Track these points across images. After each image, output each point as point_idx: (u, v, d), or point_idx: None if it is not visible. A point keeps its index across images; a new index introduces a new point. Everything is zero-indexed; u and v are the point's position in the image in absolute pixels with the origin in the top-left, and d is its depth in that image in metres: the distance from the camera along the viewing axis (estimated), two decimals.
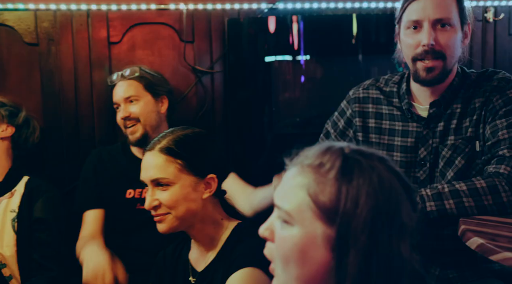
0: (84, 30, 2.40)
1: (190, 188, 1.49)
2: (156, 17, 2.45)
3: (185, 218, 1.49)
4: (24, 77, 2.39)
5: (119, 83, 2.24)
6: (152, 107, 2.24)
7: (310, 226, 0.87)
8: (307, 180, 0.89)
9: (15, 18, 2.34)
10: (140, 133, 2.20)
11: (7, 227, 2.03)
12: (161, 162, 1.48)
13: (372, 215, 0.84)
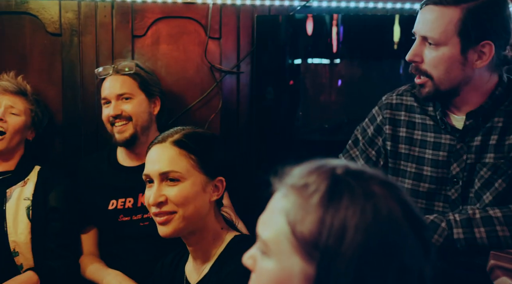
0: (108, 22, 2.32)
1: (200, 187, 1.39)
2: (183, 11, 2.35)
3: (191, 219, 1.38)
4: (45, 67, 2.33)
5: (111, 77, 2.10)
6: (145, 107, 2.11)
7: (287, 261, 0.72)
8: (289, 205, 0.74)
9: (39, 7, 2.29)
10: (129, 133, 2.07)
11: (21, 214, 2.02)
12: (174, 155, 1.38)
13: (360, 256, 0.68)
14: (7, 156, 2.09)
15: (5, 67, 2.26)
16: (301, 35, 2.35)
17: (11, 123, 2.07)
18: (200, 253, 1.43)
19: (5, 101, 2.08)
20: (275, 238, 0.75)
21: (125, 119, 2.07)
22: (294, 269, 0.72)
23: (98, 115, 2.34)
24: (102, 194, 2.08)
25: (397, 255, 0.69)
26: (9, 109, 2.08)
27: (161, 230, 1.39)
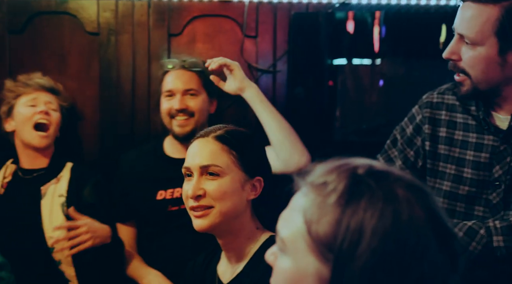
0: (145, 21, 2.33)
1: (239, 184, 1.38)
2: (219, 10, 2.33)
3: (228, 215, 1.36)
4: (83, 66, 2.36)
5: (178, 72, 2.13)
6: (207, 105, 2.17)
7: (303, 260, 0.69)
8: (307, 203, 0.71)
9: (78, 7, 2.32)
10: (190, 128, 2.09)
11: (56, 211, 2.05)
12: (216, 150, 1.38)
13: (376, 262, 0.63)
14: (44, 153, 2.14)
15: (45, 66, 2.31)
16: (340, 33, 2.29)
17: (53, 118, 2.12)
18: (234, 252, 1.40)
19: (43, 97, 2.13)
20: (292, 237, 0.72)
21: (188, 115, 2.09)
22: (309, 269, 0.69)
23: (133, 113, 2.35)
24: (149, 185, 2.09)
25: (416, 264, 0.64)
26: (48, 104, 2.13)
27: (197, 223, 1.38)
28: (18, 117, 2.10)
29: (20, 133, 2.10)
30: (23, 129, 2.09)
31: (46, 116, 2.09)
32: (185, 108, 2.09)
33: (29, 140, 2.09)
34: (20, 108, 2.11)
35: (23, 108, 2.10)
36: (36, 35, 2.34)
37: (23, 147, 2.13)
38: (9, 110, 2.13)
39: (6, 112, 2.14)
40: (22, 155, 2.14)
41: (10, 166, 2.15)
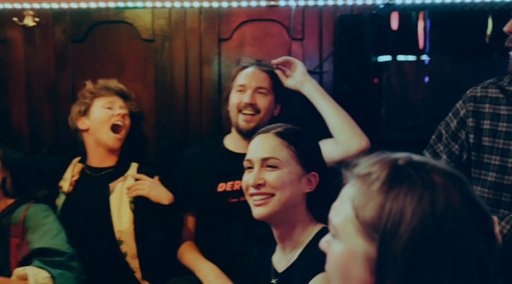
0: (196, 27, 2.45)
1: (296, 177, 1.50)
2: (266, 14, 2.43)
3: (286, 204, 1.48)
4: (139, 72, 2.50)
5: (253, 69, 2.23)
6: (272, 106, 2.25)
7: (352, 243, 0.79)
8: (354, 192, 0.81)
9: (134, 15, 2.46)
10: (254, 124, 2.18)
11: (124, 207, 2.20)
12: (276, 144, 1.51)
13: (416, 239, 0.72)
14: (113, 153, 2.30)
15: (104, 72, 2.47)
16: (385, 33, 2.34)
17: (126, 121, 2.30)
18: (289, 243, 1.50)
19: (118, 102, 2.31)
20: (342, 222, 0.81)
21: (255, 110, 2.18)
22: (358, 250, 0.78)
23: (187, 114, 2.47)
24: (211, 177, 2.20)
25: (452, 241, 0.72)
26: (122, 109, 2.30)
27: (257, 211, 1.50)
28: (94, 117, 2.27)
29: (96, 132, 2.26)
30: (100, 130, 2.25)
31: (122, 119, 2.26)
32: (253, 103, 2.18)
33: (105, 140, 2.25)
34: (97, 109, 2.27)
35: (101, 110, 2.27)
36: (96, 43, 2.50)
37: (94, 145, 2.29)
38: (86, 109, 2.29)
39: (82, 111, 2.30)
40: (93, 153, 2.30)
41: (77, 165, 2.31)
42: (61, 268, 2.03)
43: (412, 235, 0.72)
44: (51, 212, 2.19)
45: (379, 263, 0.74)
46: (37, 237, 2.08)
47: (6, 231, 2.11)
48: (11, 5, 2.45)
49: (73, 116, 2.34)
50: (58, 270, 2.01)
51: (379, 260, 0.74)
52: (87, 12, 2.47)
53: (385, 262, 0.73)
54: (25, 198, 2.20)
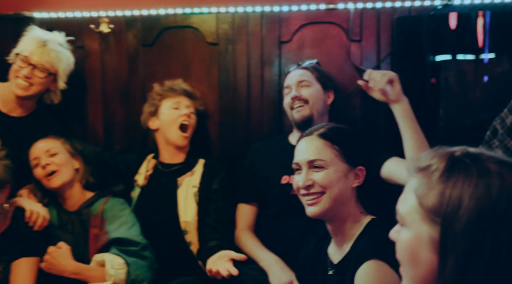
0: (258, 31, 2.58)
1: (342, 174, 1.60)
2: (325, 17, 2.52)
3: (336, 201, 1.58)
4: (204, 73, 2.66)
5: (293, 71, 2.37)
6: (321, 95, 2.35)
7: (418, 228, 0.89)
8: (417, 183, 0.91)
9: (199, 20, 2.62)
10: (307, 112, 2.29)
11: (189, 199, 2.37)
12: (320, 146, 1.61)
13: (475, 220, 0.82)
14: (182, 150, 2.46)
15: (172, 74, 2.64)
16: (443, 32, 2.37)
17: (192, 120, 2.45)
18: (342, 236, 1.61)
19: (185, 101, 2.47)
20: (408, 211, 0.91)
21: (303, 101, 2.30)
22: (424, 234, 0.88)
23: (249, 113, 2.60)
24: (275, 170, 2.33)
25: (507, 220, 0.82)
26: (188, 108, 2.46)
27: (310, 210, 1.61)
28: (163, 118, 2.44)
29: (166, 132, 2.43)
30: (169, 129, 2.42)
31: (188, 118, 2.42)
32: (298, 95, 2.30)
33: (173, 138, 2.42)
34: (165, 110, 2.44)
35: (168, 110, 2.43)
36: (165, 47, 2.68)
37: (165, 143, 2.46)
38: (155, 110, 2.47)
39: (152, 112, 2.47)
40: (164, 151, 2.48)
41: (151, 161, 2.50)
42: (135, 256, 2.21)
43: (470, 216, 0.82)
44: (126, 206, 2.39)
45: (442, 244, 0.84)
46: (114, 228, 2.28)
47: (86, 221, 2.33)
48: (89, 13, 2.67)
49: (144, 117, 2.51)
50: (133, 258, 2.19)
51: (442, 241, 0.84)
52: (156, 18, 2.65)
53: (447, 242, 0.83)
54: (104, 192, 2.42)
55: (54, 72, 2.41)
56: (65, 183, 2.32)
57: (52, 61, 2.39)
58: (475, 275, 0.81)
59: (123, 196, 2.46)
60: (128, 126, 2.73)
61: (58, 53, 2.41)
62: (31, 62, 2.34)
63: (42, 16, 2.69)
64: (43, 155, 2.30)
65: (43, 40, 2.39)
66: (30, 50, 2.35)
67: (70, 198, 2.37)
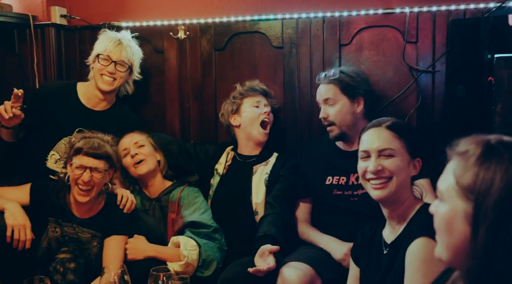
0: (320, 34, 2.79)
1: (406, 163, 1.82)
2: (383, 21, 2.69)
3: (400, 187, 1.79)
4: (270, 74, 2.90)
5: (321, 85, 2.51)
6: (348, 109, 2.46)
7: (454, 203, 1.04)
8: (455, 165, 1.07)
9: (267, 26, 2.87)
10: (336, 133, 2.48)
11: (261, 184, 2.63)
12: (388, 136, 1.83)
13: (504, 197, 0.97)
14: (260, 144, 2.70)
15: (241, 75, 2.90)
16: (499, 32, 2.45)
17: (271, 117, 2.71)
18: (397, 218, 1.81)
19: (263, 100, 2.71)
20: (446, 189, 1.07)
21: (329, 123, 2.48)
22: (459, 209, 1.03)
23: (311, 111, 2.80)
24: (321, 170, 2.54)
25: None
26: (267, 106, 2.70)
27: (376, 193, 1.81)
28: (245, 115, 2.68)
29: (247, 128, 2.67)
30: (251, 126, 2.66)
31: (268, 116, 2.67)
32: (326, 117, 2.48)
33: (255, 134, 2.67)
34: (246, 108, 2.69)
35: (250, 108, 2.68)
36: (235, 51, 2.95)
37: (245, 139, 2.71)
38: (237, 108, 2.72)
39: (233, 110, 2.72)
40: (243, 145, 2.73)
41: (230, 152, 2.78)
42: (207, 238, 2.49)
43: (500, 195, 0.97)
44: (200, 194, 2.68)
45: (475, 216, 0.99)
46: (189, 213, 2.57)
47: (165, 207, 2.64)
48: (168, 22, 2.99)
49: (224, 114, 2.77)
50: (204, 240, 2.47)
51: (475, 214, 1.00)
52: (227, 24, 2.92)
53: (479, 215, 0.99)
54: (181, 182, 2.72)
55: (130, 65, 2.73)
56: (149, 171, 2.64)
57: (128, 55, 2.71)
58: (503, 244, 0.96)
59: (197, 186, 2.74)
60: (202, 122, 3.03)
61: (131, 47, 2.74)
62: (112, 59, 2.66)
63: (128, 25, 3.04)
64: (132, 146, 2.64)
65: (118, 39, 2.71)
66: (109, 49, 2.67)
67: (152, 186, 2.69)
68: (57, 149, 2.67)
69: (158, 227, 2.59)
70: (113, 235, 2.36)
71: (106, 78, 2.67)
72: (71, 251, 2.37)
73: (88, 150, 2.29)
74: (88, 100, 2.76)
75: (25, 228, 2.27)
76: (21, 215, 2.30)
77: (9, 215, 2.27)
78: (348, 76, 2.48)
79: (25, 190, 2.42)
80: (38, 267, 2.34)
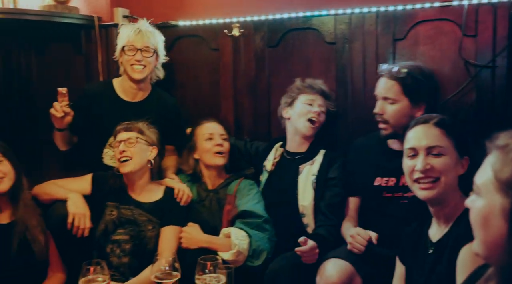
0: (373, 30, 2.74)
1: (455, 162, 1.77)
2: (439, 14, 2.60)
3: (448, 186, 1.75)
4: (323, 70, 2.89)
5: (383, 79, 2.41)
6: (407, 112, 2.34)
7: (491, 198, 1.02)
8: (494, 159, 1.04)
9: (319, 22, 2.86)
10: (388, 132, 2.41)
11: (308, 186, 2.63)
12: (437, 134, 1.79)
13: None
14: (307, 140, 2.71)
15: (293, 71, 2.91)
16: None
17: (321, 118, 2.69)
18: (443, 217, 1.77)
19: (319, 100, 2.70)
20: (484, 183, 1.04)
21: (383, 121, 2.39)
22: (496, 204, 1.01)
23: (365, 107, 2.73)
24: (370, 171, 2.47)
25: None
26: (320, 107, 2.70)
27: (423, 193, 1.77)
28: (296, 109, 2.69)
29: (295, 121, 2.69)
30: (298, 119, 2.67)
31: (317, 116, 2.66)
32: (381, 113, 2.39)
33: (301, 128, 2.67)
34: (299, 103, 2.69)
35: (302, 104, 2.68)
36: (288, 47, 2.96)
37: (293, 133, 2.73)
38: (291, 102, 2.73)
39: (288, 103, 2.74)
40: (291, 140, 2.76)
41: (279, 149, 2.80)
42: (257, 229, 2.53)
43: None
44: (255, 186, 2.74)
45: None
46: (243, 203, 2.63)
47: (223, 199, 2.71)
48: (223, 20, 3.06)
49: (281, 105, 2.80)
50: (255, 230, 2.51)
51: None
52: (280, 21, 2.94)
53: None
54: (238, 175, 2.79)
55: (155, 49, 2.81)
56: (225, 164, 2.76)
57: (151, 41, 2.79)
58: None
59: (253, 179, 2.80)
60: (255, 118, 3.07)
61: (152, 33, 2.81)
62: (137, 48, 2.75)
63: (186, 24, 3.14)
64: (218, 135, 2.75)
65: (137, 28, 2.79)
66: (132, 39, 2.76)
67: (211, 177, 2.77)
68: (109, 145, 2.81)
69: (212, 219, 2.66)
70: (169, 225, 2.48)
71: (136, 67, 2.77)
72: (127, 232, 2.48)
73: (121, 128, 2.55)
74: (125, 94, 2.87)
75: (85, 217, 2.42)
76: (82, 205, 2.45)
77: (71, 204, 2.42)
78: (415, 77, 2.35)
79: (87, 180, 2.59)
80: (95, 250, 2.47)
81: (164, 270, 1.95)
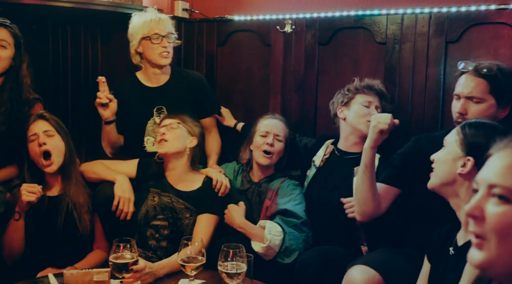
0: (425, 31, 2.68)
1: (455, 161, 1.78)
2: (495, 17, 2.51)
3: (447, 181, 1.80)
4: (372, 70, 2.86)
5: (468, 76, 2.19)
6: (492, 112, 2.16)
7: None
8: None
9: (371, 22, 2.84)
10: None
11: None
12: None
13: None
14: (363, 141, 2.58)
15: (343, 70, 2.91)
16: None
17: None
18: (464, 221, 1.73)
19: (375, 102, 2.66)
20: None
21: (462, 120, 2.10)
22: None
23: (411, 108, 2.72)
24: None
25: None
26: (377, 109, 2.65)
27: None
28: (353, 110, 2.66)
29: (353, 122, 2.64)
30: (358, 121, 2.63)
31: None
32: (465, 113, 2.15)
33: (361, 128, 2.62)
34: (356, 105, 2.66)
35: (359, 106, 2.64)
36: (338, 45, 2.97)
37: (348, 133, 2.70)
38: (347, 101, 2.70)
39: (343, 102, 2.71)
40: (345, 139, 2.73)
41: (330, 146, 2.80)
42: (294, 228, 2.55)
43: None
44: (299, 187, 2.74)
45: None
46: (284, 201, 2.66)
47: (264, 193, 2.76)
48: (276, 16, 3.11)
49: (335, 103, 2.78)
50: (291, 229, 2.53)
51: None
52: (332, 19, 2.95)
53: None
54: (283, 173, 2.81)
55: (172, 32, 2.88)
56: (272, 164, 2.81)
57: (166, 25, 2.86)
58: None
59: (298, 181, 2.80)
60: (302, 114, 3.10)
61: (163, 18, 2.88)
62: (162, 35, 2.83)
63: (240, 19, 3.22)
64: (272, 135, 2.77)
65: (149, 16, 2.85)
66: (149, 28, 2.82)
67: (258, 171, 2.83)
68: (148, 133, 2.93)
69: (251, 211, 2.72)
70: (206, 213, 2.57)
71: (164, 53, 2.86)
72: (166, 218, 2.60)
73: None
74: (150, 81, 2.97)
75: (129, 201, 2.56)
76: (128, 189, 2.59)
77: (119, 187, 2.57)
78: (505, 75, 2.15)
79: (133, 164, 2.74)
80: (137, 232, 2.62)
81: (190, 254, 2.04)
